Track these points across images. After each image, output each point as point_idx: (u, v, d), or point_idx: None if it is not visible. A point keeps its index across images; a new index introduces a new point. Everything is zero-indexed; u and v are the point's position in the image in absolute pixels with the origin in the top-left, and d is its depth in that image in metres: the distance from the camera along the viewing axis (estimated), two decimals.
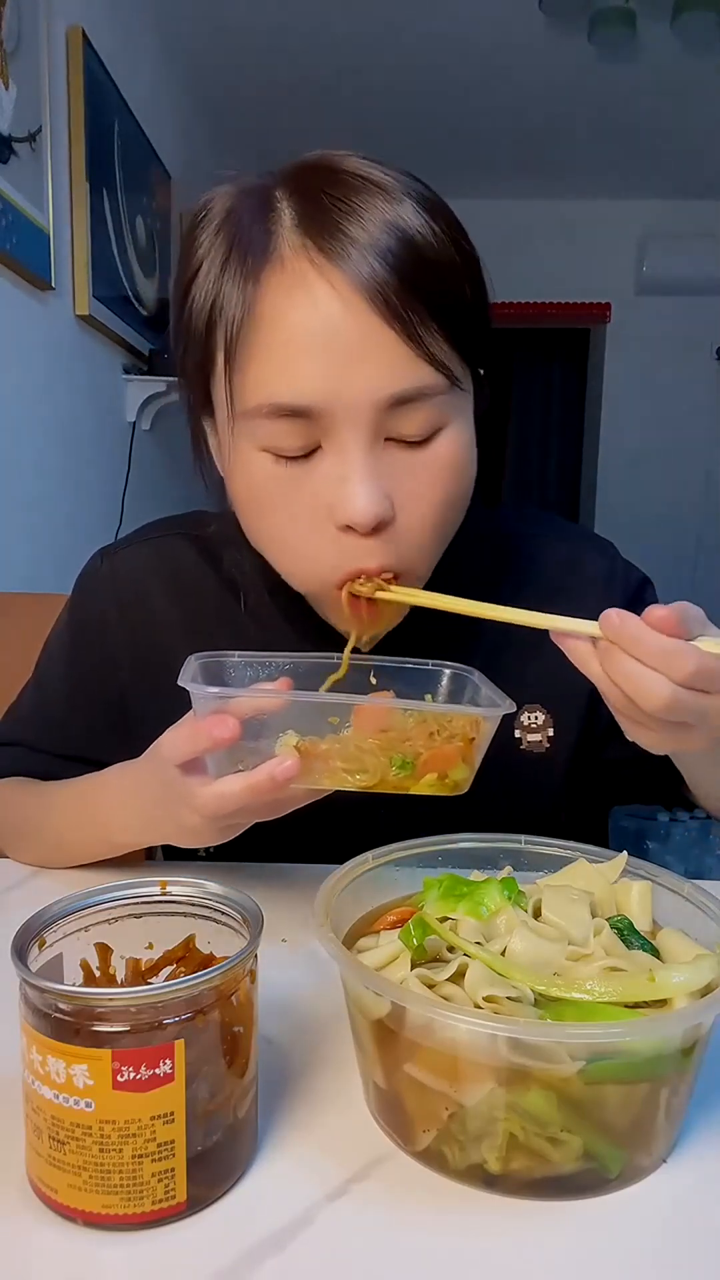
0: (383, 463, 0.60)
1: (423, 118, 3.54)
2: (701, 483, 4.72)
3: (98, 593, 0.81)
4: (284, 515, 0.62)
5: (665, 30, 2.88)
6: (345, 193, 0.59)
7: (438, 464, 0.62)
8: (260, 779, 0.52)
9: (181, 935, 0.49)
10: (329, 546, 0.61)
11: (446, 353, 0.59)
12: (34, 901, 0.46)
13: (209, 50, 3.06)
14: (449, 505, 0.64)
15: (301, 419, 0.59)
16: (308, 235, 0.58)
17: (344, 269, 0.57)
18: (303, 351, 0.57)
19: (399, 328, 0.57)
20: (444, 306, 0.59)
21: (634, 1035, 0.41)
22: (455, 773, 0.56)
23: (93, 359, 2.36)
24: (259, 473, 0.62)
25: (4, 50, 1.72)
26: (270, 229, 0.59)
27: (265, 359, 0.58)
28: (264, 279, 0.58)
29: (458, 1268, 0.39)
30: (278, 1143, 0.46)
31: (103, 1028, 0.38)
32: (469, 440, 0.64)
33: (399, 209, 0.58)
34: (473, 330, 0.62)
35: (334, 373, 0.57)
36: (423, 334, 0.58)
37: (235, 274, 0.59)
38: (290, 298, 0.57)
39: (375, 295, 0.56)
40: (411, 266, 0.57)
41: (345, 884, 0.53)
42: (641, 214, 4.49)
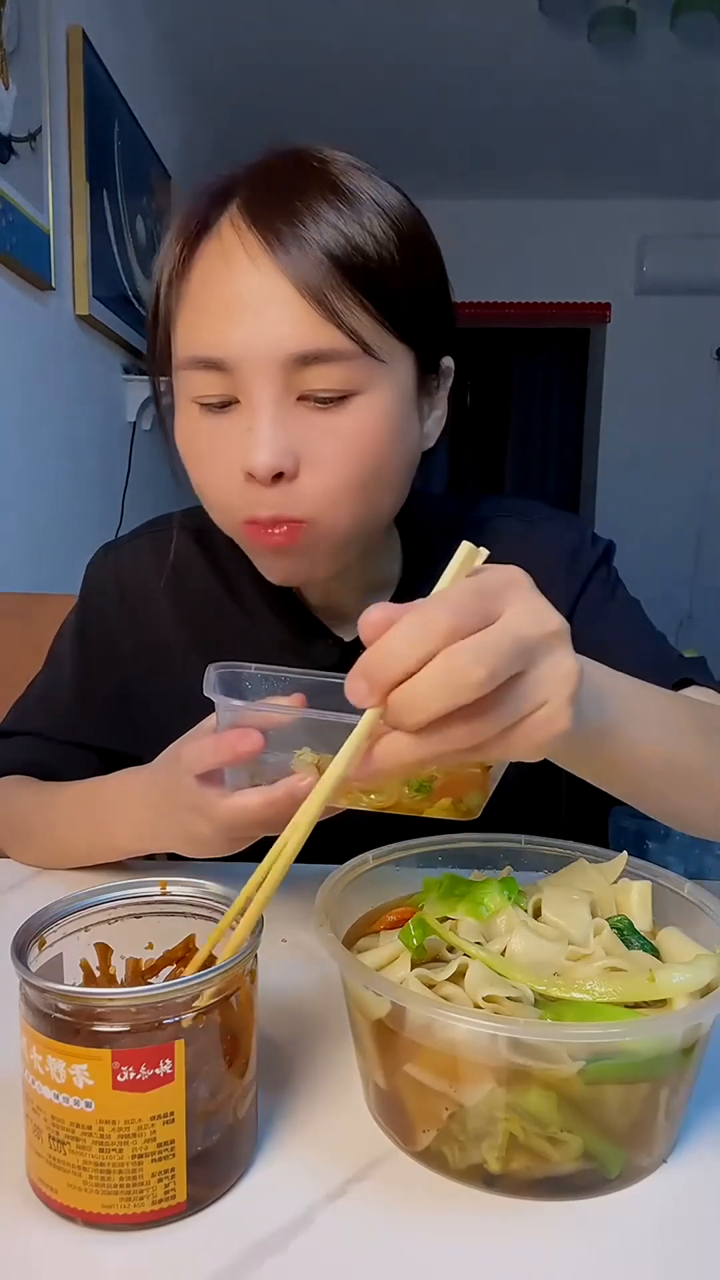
0: (292, 419, 0.63)
1: (423, 118, 3.54)
2: (701, 483, 4.72)
3: (101, 585, 0.85)
4: (207, 463, 0.66)
5: (665, 30, 2.88)
6: (289, 174, 0.64)
7: (347, 426, 0.63)
8: (279, 794, 0.52)
9: (181, 935, 0.49)
10: (238, 491, 0.65)
11: (362, 323, 0.62)
12: (34, 901, 0.46)
13: (209, 50, 3.06)
14: (357, 468, 0.65)
15: (218, 371, 0.63)
16: (246, 212, 0.62)
17: (267, 241, 0.61)
18: (221, 311, 0.62)
19: (306, 292, 0.60)
20: (366, 285, 0.62)
21: (634, 1035, 0.41)
22: (469, 799, 0.56)
23: (93, 359, 2.36)
24: (189, 423, 0.66)
25: (4, 50, 1.72)
26: (220, 207, 0.64)
27: (192, 317, 0.64)
28: (200, 246, 0.64)
29: (458, 1268, 0.39)
30: (278, 1143, 0.46)
31: (103, 1028, 0.38)
32: (392, 412, 0.65)
33: (344, 201, 0.62)
34: (411, 315, 0.65)
35: (243, 330, 0.61)
36: (333, 300, 0.61)
37: (176, 243, 0.65)
38: (215, 262, 0.63)
39: (293, 264, 0.60)
40: (337, 246, 0.61)
41: (345, 884, 0.53)
42: (641, 214, 4.48)
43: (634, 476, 4.73)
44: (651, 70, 3.17)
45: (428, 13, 2.85)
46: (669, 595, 4.23)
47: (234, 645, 0.79)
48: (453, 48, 3.05)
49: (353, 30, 2.95)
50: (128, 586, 0.83)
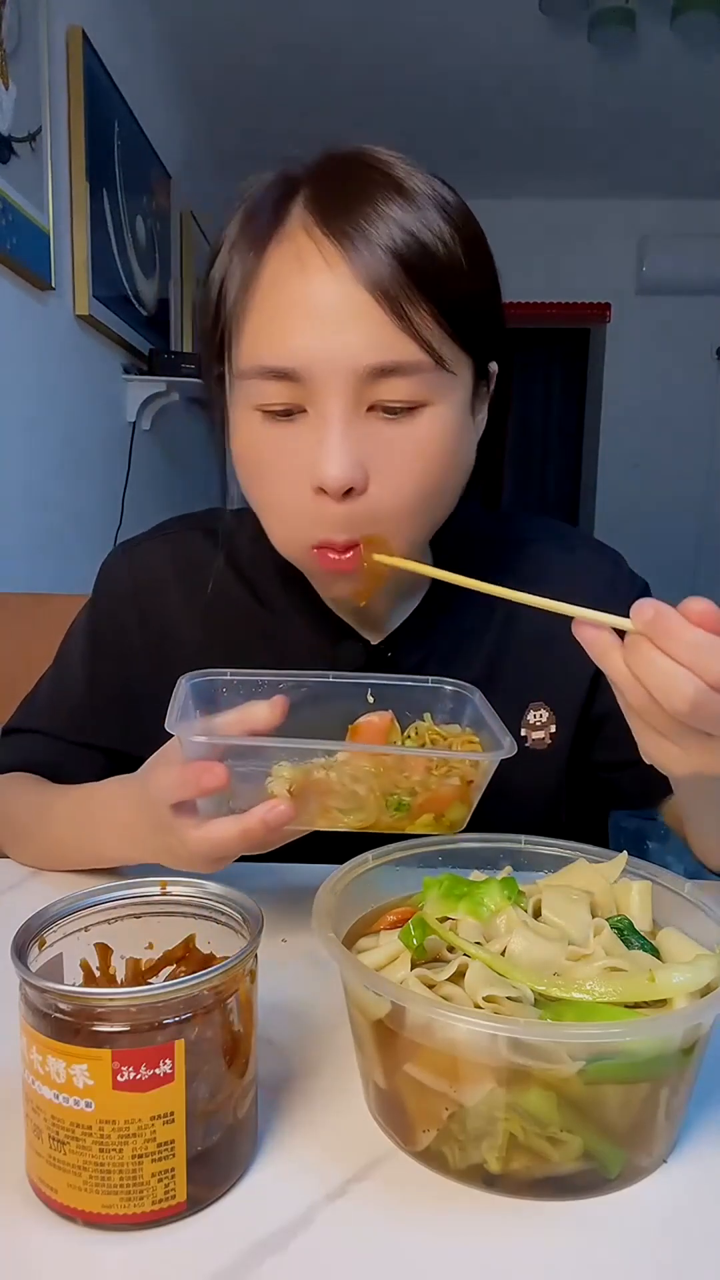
0: (362, 431, 0.62)
1: (423, 118, 3.54)
2: (702, 483, 4.72)
3: (117, 586, 0.83)
4: (270, 474, 0.65)
5: (665, 30, 2.88)
6: (359, 179, 0.62)
7: (417, 440, 0.63)
8: (252, 824, 0.52)
9: (181, 935, 0.49)
10: (307, 507, 0.63)
11: (435, 333, 0.61)
12: (34, 901, 0.46)
13: (209, 50, 3.06)
14: (427, 483, 0.64)
15: (288, 381, 0.61)
16: (315, 214, 0.61)
17: (342, 245, 0.59)
18: (292, 318, 0.60)
19: (385, 302, 0.59)
20: (439, 294, 0.61)
21: (634, 1035, 0.41)
22: (452, 813, 0.55)
23: (93, 359, 2.36)
24: (250, 432, 0.64)
25: (4, 50, 1.72)
26: (284, 206, 0.62)
27: (259, 324, 0.62)
28: (268, 250, 0.62)
29: (458, 1268, 0.39)
30: (278, 1143, 0.46)
31: (103, 1028, 0.38)
32: (456, 424, 0.65)
33: (411, 203, 0.61)
34: (472, 322, 0.64)
35: (318, 340, 0.60)
36: (409, 311, 0.59)
37: (244, 247, 0.63)
38: (288, 267, 0.61)
39: (367, 270, 0.59)
40: (409, 254, 0.60)
41: (345, 884, 0.53)
42: (641, 214, 4.49)
43: (634, 476, 4.73)
44: (651, 70, 3.17)
45: (427, 13, 2.85)
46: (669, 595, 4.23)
47: (257, 648, 0.79)
48: (452, 48, 3.05)
49: (352, 30, 2.95)
50: (143, 587, 0.82)
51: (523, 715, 0.80)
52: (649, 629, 0.47)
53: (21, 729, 0.85)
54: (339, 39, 3.00)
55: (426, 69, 3.19)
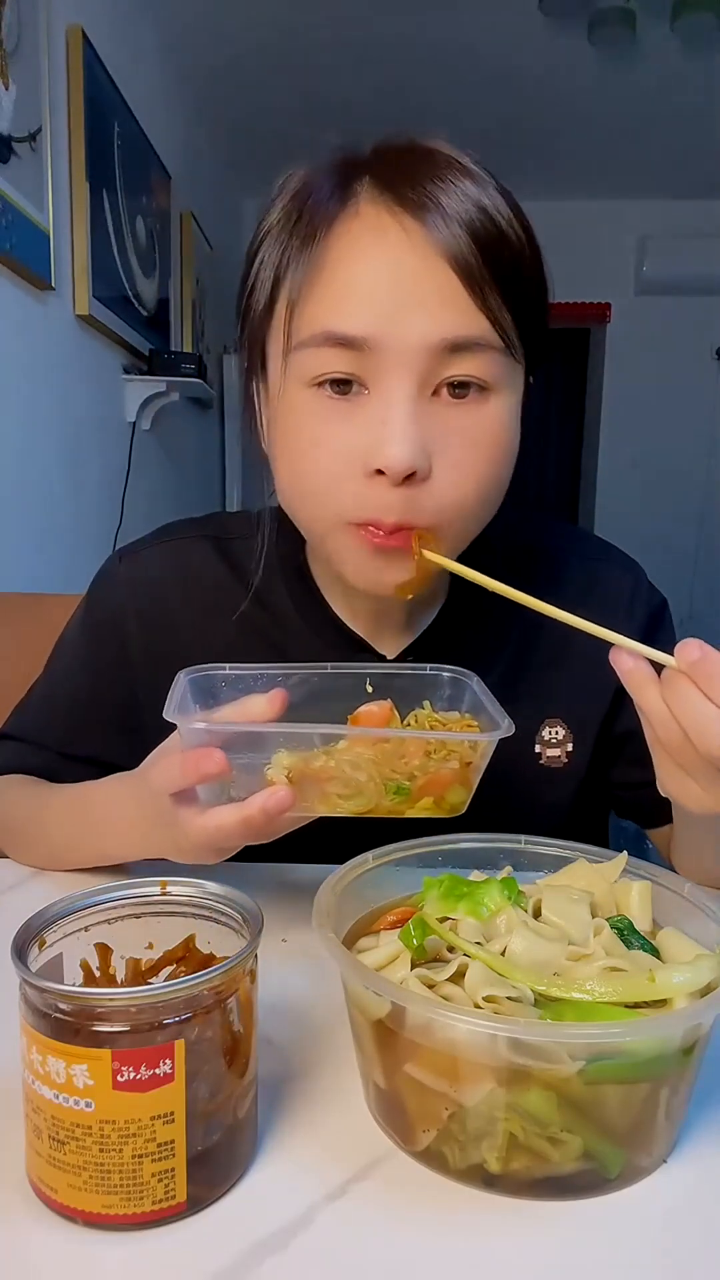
0: (428, 415, 0.59)
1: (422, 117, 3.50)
2: (702, 483, 4.72)
3: (114, 593, 0.81)
4: (322, 452, 0.61)
5: (665, 30, 2.88)
6: (430, 163, 0.61)
7: (481, 427, 0.61)
8: (252, 812, 0.52)
9: (181, 935, 0.49)
10: (358, 488, 0.60)
11: (505, 316, 0.60)
12: (34, 901, 0.46)
13: (209, 50, 3.06)
14: (487, 472, 0.62)
15: (353, 350, 0.58)
16: (389, 190, 0.59)
17: (419, 218, 0.58)
18: (364, 286, 0.58)
19: (463, 277, 0.58)
20: (509, 277, 0.60)
21: (634, 1035, 0.41)
22: (452, 796, 0.55)
23: (93, 359, 2.36)
24: (304, 409, 0.61)
25: (4, 50, 1.72)
26: (350, 187, 0.60)
27: (324, 294, 0.59)
28: (336, 226, 0.59)
29: (458, 1268, 0.39)
30: (278, 1143, 0.46)
31: (103, 1028, 0.38)
32: (514, 414, 0.64)
33: (482, 188, 0.60)
34: (532, 312, 0.63)
35: (391, 309, 0.57)
36: (485, 289, 0.58)
37: (305, 228, 0.60)
38: (360, 242, 0.59)
39: (444, 245, 0.57)
40: (485, 234, 0.59)
41: (345, 884, 0.53)
42: (641, 214, 4.49)
43: (634, 476, 4.73)
44: (651, 70, 3.17)
45: (427, 13, 2.85)
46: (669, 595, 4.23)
47: (265, 659, 0.77)
48: (452, 48, 3.05)
49: (352, 30, 2.95)
50: (141, 596, 0.80)
51: (538, 732, 0.78)
52: (693, 670, 0.48)
53: (13, 737, 0.84)
54: (339, 39, 3.00)
55: (426, 69, 3.19)
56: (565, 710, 0.78)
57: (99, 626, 0.82)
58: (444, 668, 0.64)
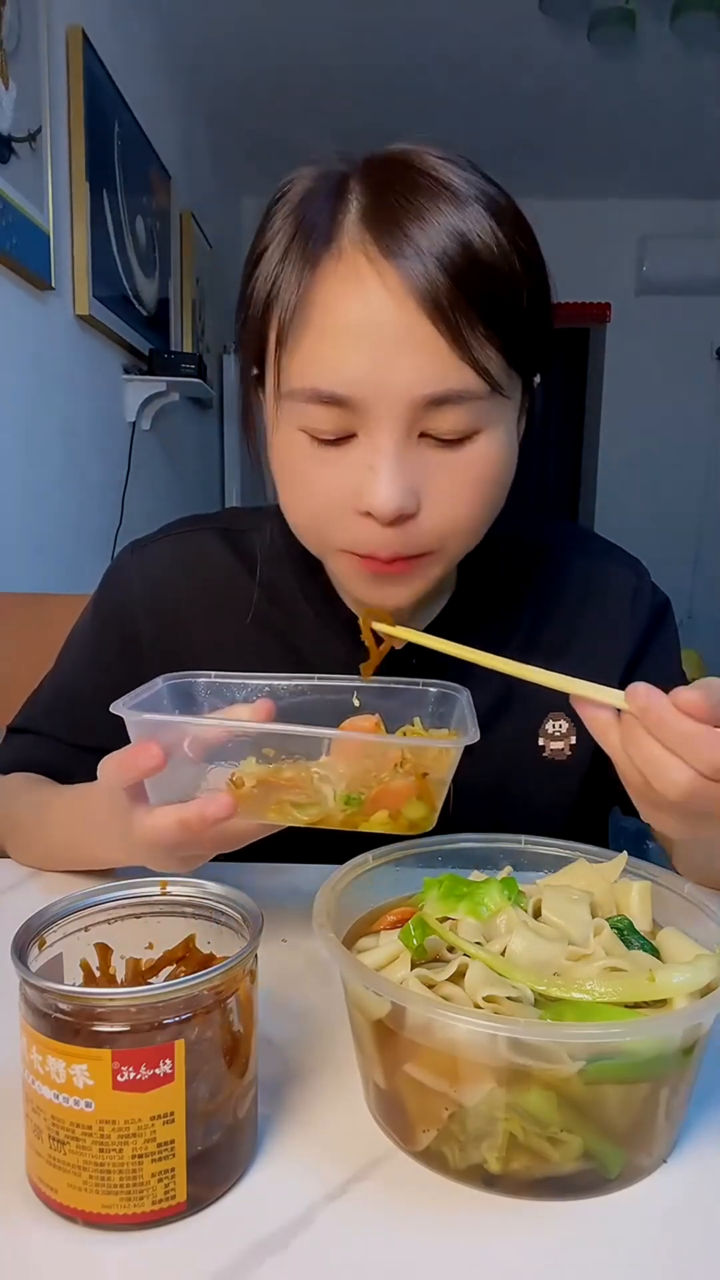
0: (414, 458, 0.61)
1: (422, 117, 3.54)
2: (701, 483, 4.72)
3: (126, 585, 0.82)
4: (313, 492, 0.64)
5: (665, 30, 2.88)
6: (414, 192, 0.59)
7: (469, 467, 0.62)
8: (189, 815, 0.51)
9: (181, 935, 0.49)
10: (350, 525, 0.63)
11: (492, 359, 0.59)
12: (34, 901, 0.46)
13: (209, 50, 3.06)
14: (478, 508, 0.64)
15: (340, 407, 0.60)
16: (369, 230, 0.58)
17: (399, 266, 0.57)
18: (348, 343, 0.58)
19: (445, 329, 0.57)
20: (497, 313, 0.59)
21: (634, 1035, 0.41)
22: (410, 810, 0.53)
23: (93, 359, 2.36)
24: (295, 450, 0.63)
25: (4, 50, 1.72)
26: (336, 219, 0.60)
27: (312, 346, 0.60)
28: (321, 267, 0.59)
29: (458, 1268, 0.39)
30: (278, 1143, 0.46)
31: (103, 1028, 0.38)
32: (507, 447, 0.64)
33: (464, 213, 0.59)
34: (527, 338, 0.62)
35: (375, 367, 0.58)
36: (469, 338, 0.58)
37: (296, 259, 0.60)
38: (343, 288, 0.59)
39: (425, 296, 0.57)
40: (467, 271, 0.58)
41: (345, 884, 0.53)
42: (641, 214, 4.49)
43: (634, 476, 4.73)
44: (651, 70, 3.17)
45: (427, 13, 2.85)
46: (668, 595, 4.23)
47: (275, 652, 0.78)
48: (452, 48, 3.05)
49: (352, 30, 2.95)
50: (152, 588, 0.81)
51: (542, 725, 0.79)
52: (642, 715, 0.48)
53: (24, 729, 0.85)
54: (339, 39, 3.01)
55: (426, 69, 3.19)
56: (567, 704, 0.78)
57: (109, 619, 0.83)
58: (432, 682, 0.64)
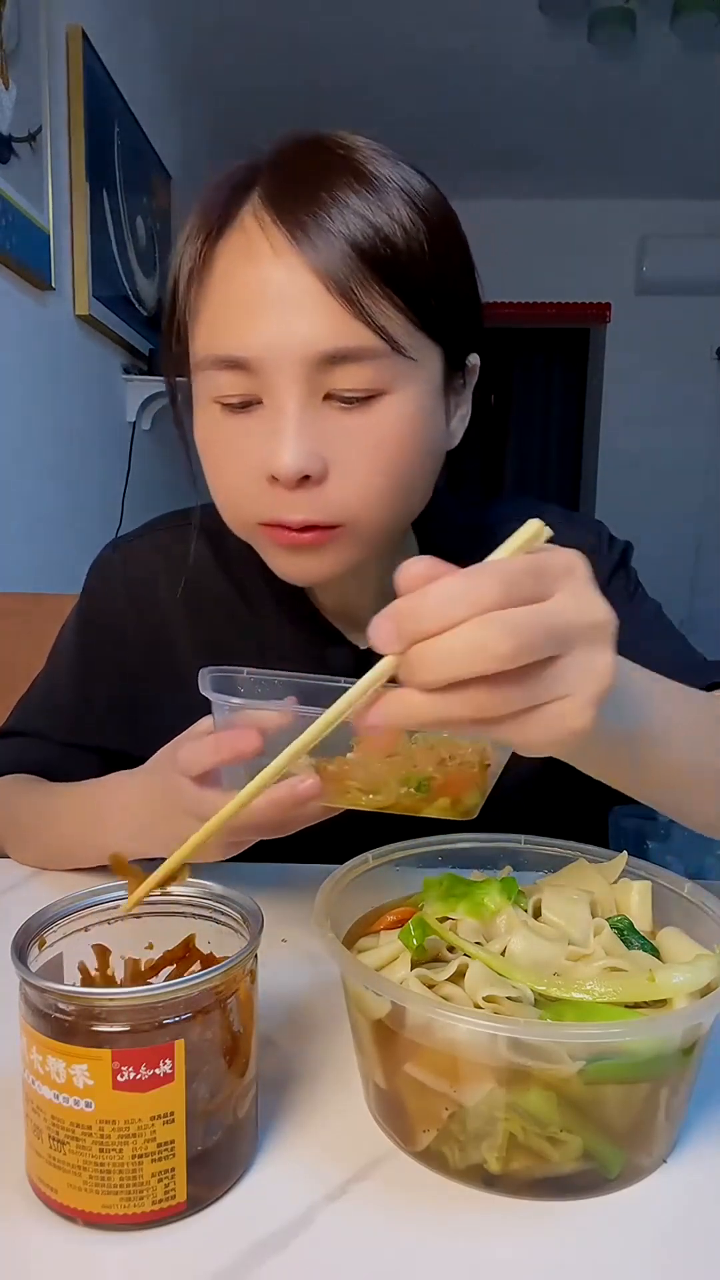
0: (318, 421, 0.61)
1: (422, 118, 3.54)
2: (701, 483, 4.72)
3: (108, 583, 0.83)
4: (226, 463, 0.65)
5: (665, 30, 2.88)
6: (317, 166, 0.61)
7: (376, 428, 0.62)
8: (282, 794, 0.51)
9: (181, 935, 0.49)
10: (261, 494, 0.63)
11: (391, 319, 0.60)
12: (34, 901, 0.46)
13: (209, 50, 3.06)
14: (389, 472, 0.63)
15: (241, 371, 0.61)
16: (267, 201, 0.60)
17: (291, 233, 0.59)
18: (244, 308, 0.60)
19: (335, 289, 0.58)
20: (395, 275, 0.60)
21: (634, 1035, 0.41)
22: (468, 798, 0.55)
23: (93, 359, 2.36)
24: (209, 422, 0.65)
25: (4, 50, 1.72)
26: (239, 195, 0.62)
27: (213, 314, 0.62)
28: (221, 242, 0.61)
29: (458, 1268, 0.39)
30: (278, 1143, 0.46)
31: (103, 1028, 0.38)
32: (419, 412, 0.64)
33: (371, 190, 0.60)
34: (437, 304, 0.63)
35: (270, 328, 0.59)
36: (361, 296, 0.59)
37: (197, 238, 0.63)
38: (240, 257, 0.60)
39: (317, 257, 0.58)
40: (362, 240, 0.59)
41: (345, 884, 0.53)
42: (641, 214, 4.48)
43: (634, 476, 4.73)
44: (651, 70, 3.17)
45: (427, 13, 2.85)
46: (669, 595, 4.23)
47: (245, 649, 0.79)
48: (452, 48, 3.05)
49: (352, 31, 2.95)
50: (134, 585, 0.82)
51: None
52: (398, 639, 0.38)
53: (15, 732, 0.85)
54: (339, 39, 3.00)
55: (426, 69, 3.19)
56: None
57: (93, 617, 0.84)
58: None
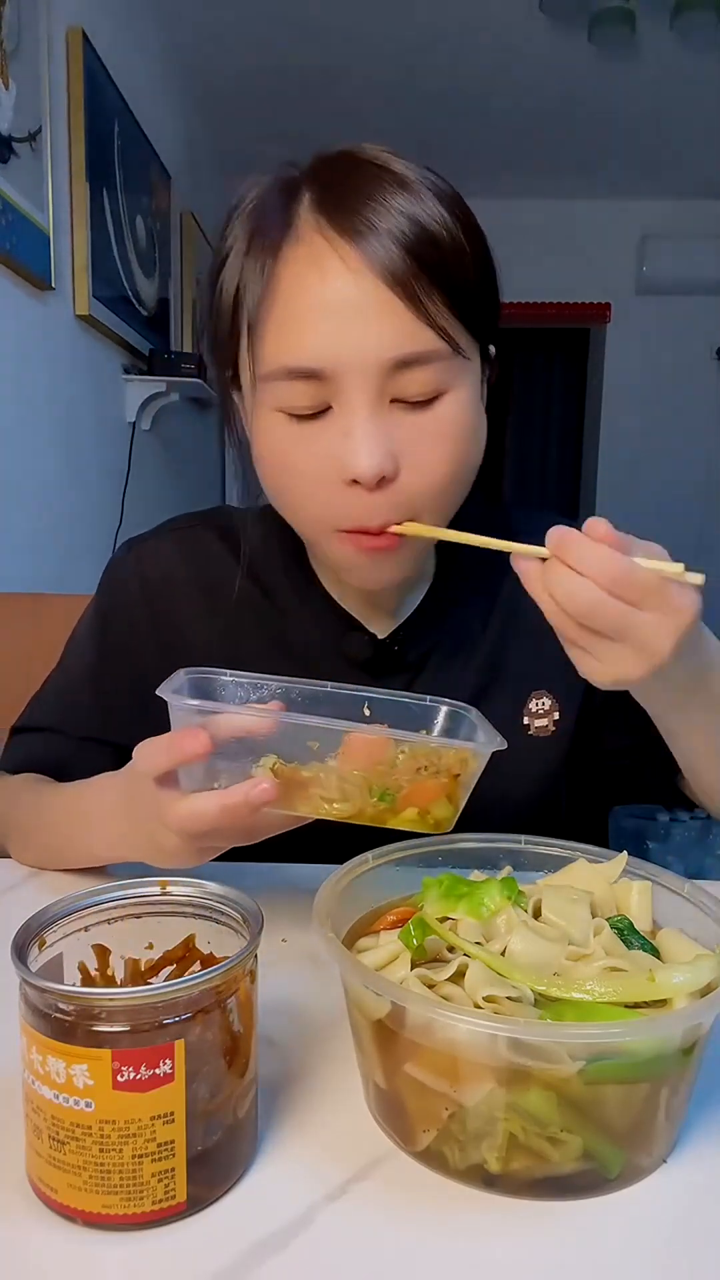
0: (388, 423, 0.63)
1: (423, 118, 3.54)
2: (702, 483, 4.72)
3: (124, 580, 0.84)
4: (297, 470, 0.66)
5: (665, 30, 2.88)
6: (364, 179, 0.63)
7: (441, 425, 0.65)
8: (235, 800, 0.51)
9: (181, 935, 0.49)
10: (337, 499, 0.65)
11: (449, 321, 0.63)
12: (34, 901, 0.46)
13: (209, 50, 3.06)
14: (454, 465, 0.66)
15: (312, 380, 0.63)
16: (324, 214, 0.62)
17: (355, 244, 0.61)
18: (313, 318, 0.62)
19: (402, 295, 0.61)
20: (449, 282, 0.62)
21: (634, 1035, 0.41)
22: (437, 809, 0.55)
23: (93, 359, 2.36)
24: (276, 431, 0.66)
25: (4, 50, 1.72)
26: (292, 210, 0.64)
27: (281, 327, 0.63)
28: (282, 255, 0.63)
29: (458, 1268, 0.39)
30: (278, 1143, 0.46)
31: (103, 1028, 0.38)
32: (474, 406, 0.67)
33: (412, 194, 0.63)
34: (478, 307, 0.65)
35: (340, 337, 0.61)
36: (425, 302, 0.61)
37: (257, 252, 0.64)
38: (305, 269, 0.62)
39: (382, 267, 0.60)
40: (419, 245, 0.61)
41: (345, 884, 0.53)
42: (641, 214, 4.48)
43: (633, 476, 4.73)
44: (651, 70, 3.17)
45: (427, 13, 2.85)
46: None
47: (264, 643, 0.80)
48: (452, 48, 3.05)
49: (352, 30, 2.95)
50: (151, 583, 0.83)
51: (525, 704, 0.82)
52: (556, 547, 0.53)
53: (30, 728, 0.85)
54: (339, 38, 3.00)
55: (427, 69, 3.19)
56: (549, 681, 0.82)
57: (108, 613, 0.84)
58: (443, 701, 0.65)
